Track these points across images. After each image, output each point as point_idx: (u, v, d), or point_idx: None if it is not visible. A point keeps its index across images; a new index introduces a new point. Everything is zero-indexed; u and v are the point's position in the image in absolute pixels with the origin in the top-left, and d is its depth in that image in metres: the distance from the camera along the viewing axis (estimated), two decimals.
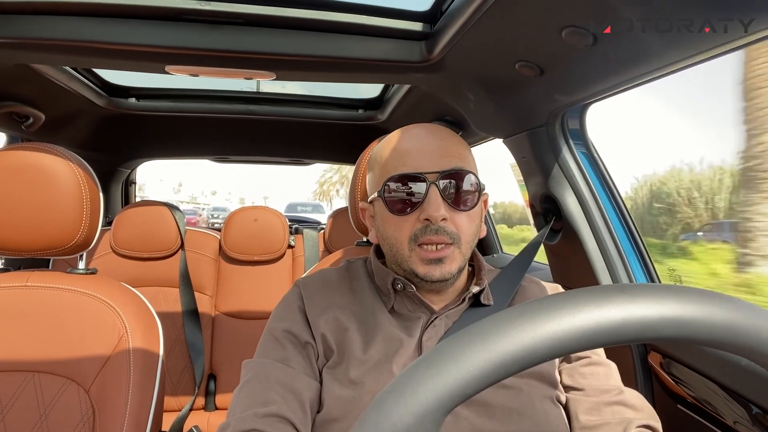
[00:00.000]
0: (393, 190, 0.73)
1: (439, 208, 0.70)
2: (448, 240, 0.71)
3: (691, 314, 0.29)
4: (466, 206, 0.73)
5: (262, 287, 2.09)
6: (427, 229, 0.71)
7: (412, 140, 0.76)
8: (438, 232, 0.70)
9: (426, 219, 0.70)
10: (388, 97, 1.92)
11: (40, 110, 1.56)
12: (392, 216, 0.74)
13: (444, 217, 0.70)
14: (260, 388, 0.68)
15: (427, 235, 0.71)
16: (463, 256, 0.74)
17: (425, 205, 0.70)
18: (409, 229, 0.72)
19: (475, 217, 0.75)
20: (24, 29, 1.01)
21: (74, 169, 0.98)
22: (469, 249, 0.75)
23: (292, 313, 0.77)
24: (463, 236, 0.73)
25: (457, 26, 0.96)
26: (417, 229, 0.71)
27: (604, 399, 0.72)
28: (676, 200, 8.92)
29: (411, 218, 0.72)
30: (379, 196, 0.75)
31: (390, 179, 0.73)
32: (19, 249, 0.97)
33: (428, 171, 0.71)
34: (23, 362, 0.93)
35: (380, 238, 0.79)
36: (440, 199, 0.70)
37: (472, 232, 0.74)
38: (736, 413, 0.84)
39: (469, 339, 0.29)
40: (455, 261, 0.72)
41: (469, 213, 0.73)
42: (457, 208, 0.72)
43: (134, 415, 0.90)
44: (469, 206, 0.73)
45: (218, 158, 2.59)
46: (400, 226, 0.73)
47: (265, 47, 1.08)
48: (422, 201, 0.71)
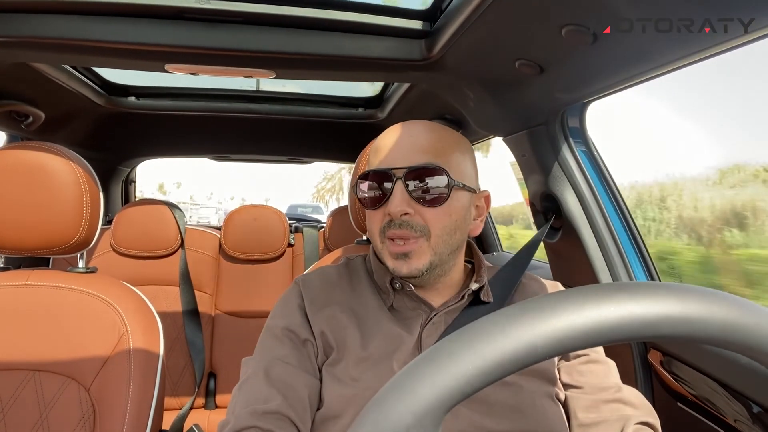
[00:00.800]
0: (362, 187, 0.77)
1: (401, 203, 0.71)
2: (414, 234, 0.72)
3: (691, 312, 0.29)
4: (434, 203, 0.72)
5: (262, 286, 2.09)
6: (391, 223, 0.73)
7: (389, 137, 0.77)
8: (402, 226, 0.72)
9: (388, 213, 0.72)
10: (387, 96, 1.92)
11: (40, 109, 1.56)
12: (368, 210, 0.78)
13: (406, 212, 0.71)
14: (260, 385, 0.68)
15: (391, 229, 0.73)
16: (434, 251, 0.73)
17: (390, 199, 0.72)
18: (379, 222, 0.75)
19: (451, 212, 0.74)
20: (24, 28, 1.01)
21: (74, 168, 0.98)
22: (442, 243, 0.73)
23: (292, 311, 0.77)
24: (434, 230, 0.72)
25: (457, 24, 0.96)
26: (384, 223, 0.74)
27: (602, 397, 0.72)
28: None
29: (380, 212, 0.75)
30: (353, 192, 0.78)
31: (361, 176, 0.77)
32: (19, 248, 0.97)
33: (396, 167, 0.73)
34: (23, 361, 0.93)
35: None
36: (404, 195, 0.72)
37: (444, 226, 0.73)
38: (736, 411, 0.84)
39: (469, 337, 0.29)
40: (424, 255, 0.72)
41: (440, 208, 0.73)
42: (423, 203, 0.72)
43: (134, 413, 0.90)
44: (437, 202, 0.72)
45: (218, 157, 2.58)
46: (372, 219, 0.77)
47: (265, 46, 1.08)
48: (387, 196, 0.73)
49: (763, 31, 0.66)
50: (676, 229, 8.45)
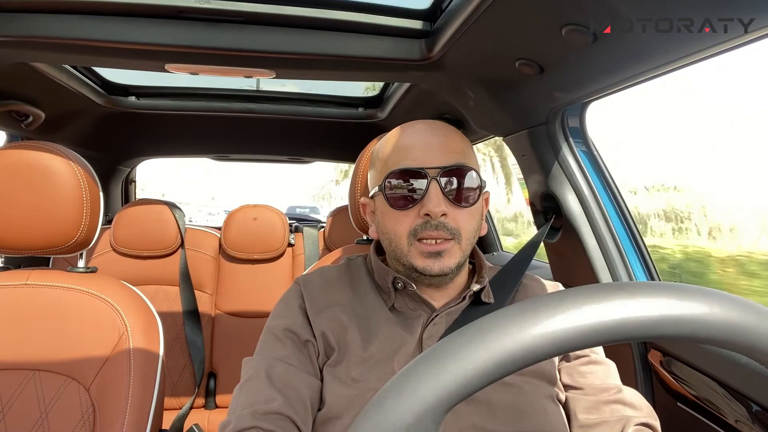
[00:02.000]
0: (394, 186, 0.73)
1: (440, 203, 0.70)
2: (448, 235, 0.71)
3: (692, 312, 0.29)
4: (467, 203, 0.73)
5: (262, 285, 2.09)
6: (427, 224, 0.71)
7: (414, 136, 0.76)
8: (438, 227, 0.71)
9: (426, 214, 0.71)
10: (388, 95, 1.92)
11: (40, 109, 1.56)
12: (392, 211, 0.74)
13: (444, 213, 0.70)
14: (261, 385, 0.68)
15: (426, 230, 0.71)
16: (463, 252, 0.74)
17: (425, 200, 0.71)
18: (409, 224, 0.72)
19: (476, 214, 0.75)
20: (24, 27, 1.01)
21: (74, 168, 0.97)
22: (469, 245, 0.74)
23: (293, 311, 0.77)
24: (464, 232, 0.73)
25: (457, 24, 0.96)
26: (417, 225, 0.72)
27: (602, 398, 0.72)
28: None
29: (411, 213, 0.72)
30: (380, 191, 0.75)
31: (391, 174, 0.73)
32: (19, 247, 0.97)
33: (429, 166, 0.71)
34: (24, 361, 0.93)
35: (380, 233, 0.79)
36: (441, 195, 0.71)
37: (472, 228, 0.74)
38: (736, 411, 0.84)
39: (469, 337, 0.29)
40: (454, 256, 0.72)
41: (469, 210, 0.73)
42: (457, 204, 0.72)
43: (134, 413, 0.90)
44: (470, 203, 0.73)
45: (218, 156, 2.58)
46: (399, 221, 0.73)
47: (265, 45, 1.08)
48: (423, 197, 0.71)
49: (763, 31, 0.66)
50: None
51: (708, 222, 13.52)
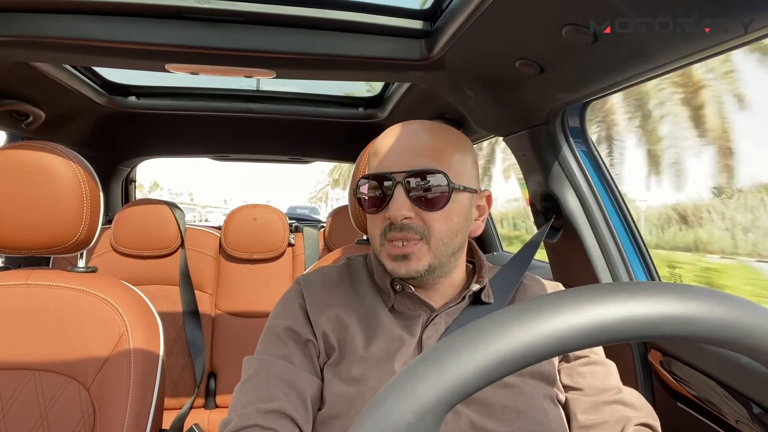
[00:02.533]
0: (364, 190, 0.76)
1: (401, 208, 0.71)
2: (415, 236, 0.72)
3: (693, 312, 0.29)
4: (434, 206, 0.72)
5: (262, 285, 2.09)
6: (392, 226, 0.72)
7: (391, 139, 0.77)
8: (403, 229, 0.72)
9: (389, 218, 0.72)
10: (388, 95, 1.92)
11: (40, 108, 1.56)
12: (367, 213, 0.77)
13: (407, 216, 0.71)
14: (262, 384, 0.68)
15: (391, 232, 0.73)
16: (434, 254, 0.73)
17: (390, 203, 0.72)
18: (380, 225, 0.75)
19: (454, 215, 0.74)
20: (24, 27, 1.01)
21: (74, 168, 0.98)
22: (442, 246, 0.73)
23: (294, 311, 0.77)
24: (434, 232, 0.72)
25: (457, 24, 0.96)
26: (385, 226, 0.74)
27: (602, 398, 0.72)
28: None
29: (380, 216, 0.74)
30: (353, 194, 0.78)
31: (361, 179, 0.77)
32: (20, 247, 0.97)
33: (396, 170, 0.72)
34: (24, 360, 0.93)
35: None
36: (404, 199, 0.71)
37: (446, 229, 0.73)
38: (737, 411, 0.84)
39: (470, 336, 0.29)
40: (423, 257, 0.72)
41: (440, 212, 0.72)
42: (423, 207, 0.72)
43: (134, 413, 0.90)
44: (437, 206, 0.72)
45: (218, 156, 2.58)
46: (373, 222, 0.76)
47: (265, 45, 1.08)
48: (387, 201, 0.72)
49: (763, 31, 0.66)
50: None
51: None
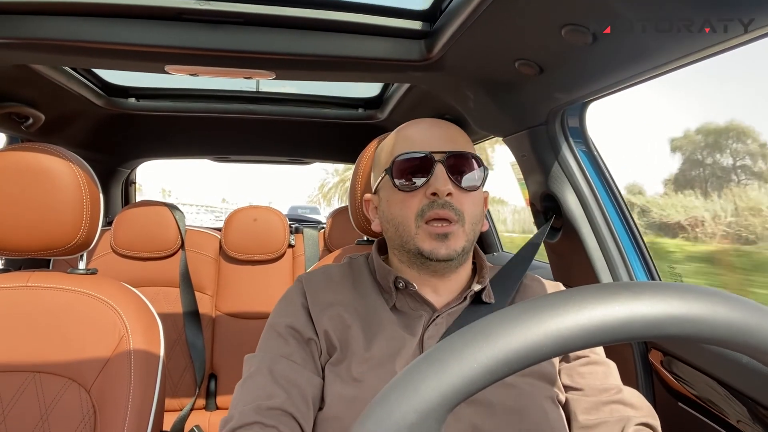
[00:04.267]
0: (401, 168, 0.76)
1: (446, 183, 0.73)
2: (454, 216, 0.73)
3: (696, 312, 0.29)
4: (471, 187, 0.75)
5: (262, 287, 2.09)
6: (434, 203, 0.73)
7: (418, 126, 0.80)
8: (444, 206, 0.72)
9: (433, 194, 0.73)
10: (387, 96, 1.92)
11: (40, 111, 1.56)
12: (399, 194, 0.76)
13: (449, 192, 0.73)
14: (264, 382, 0.68)
15: (434, 209, 0.73)
16: (467, 237, 0.75)
17: (432, 180, 0.73)
18: (416, 205, 0.74)
19: (478, 202, 0.78)
20: (23, 29, 1.01)
21: (74, 170, 0.97)
22: (472, 231, 0.76)
23: (295, 309, 0.77)
24: (468, 216, 0.74)
25: (457, 25, 0.96)
26: (424, 205, 0.74)
27: (602, 398, 0.72)
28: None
29: (418, 194, 0.74)
30: (386, 174, 0.78)
31: (399, 156, 0.76)
32: (20, 249, 0.97)
33: (435, 150, 0.75)
34: (24, 363, 0.93)
35: (385, 222, 0.80)
36: (446, 176, 0.73)
37: (475, 214, 0.76)
38: (738, 411, 0.84)
39: (473, 335, 0.29)
40: (460, 239, 0.74)
41: (473, 195, 0.76)
42: (462, 187, 0.74)
43: (135, 415, 0.90)
44: (472, 188, 0.76)
45: (218, 158, 2.58)
46: (406, 204, 0.75)
47: (265, 47, 1.08)
48: (429, 177, 0.73)
49: (763, 31, 0.66)
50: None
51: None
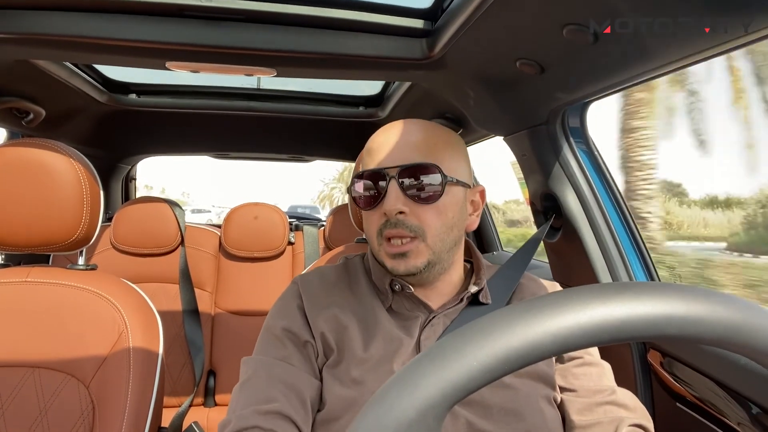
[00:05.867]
0: (358, 187, 0.77)
1: (395, 202, 0.71)
2: (409, 233, 0.72)
3: (695, 313, 0.29)
4: (429, 200, 0.72)
5: (262, 284, 2.09)
6: (387, 223, 0.72)
7: (382, 137, 0.77)
8: (397, 225, 0.72)
9: (384, 213, 0.72)
10: (388, 94, 1.92)
11: (41, 106, 1.56)
12: (363, 211, 0.78)
13: (401, 211, 0.71)
14: (261, 385, 0.68)
15: (387, 228, 0.73)
16: (432, 250, 0.73)
17: (384, 199, 0.72)
18: (376, 222, 0.75)
19: (447, 210, 0.74)
20: (25, 25, 1.01)
21: (74, 165, 0.98)
22: (439, 242, 0.73)
23: (291, 312, 0.77)
24: (429, 229, 0.72)
25: (458, 23, 0.96)
26: (381, 224, 0.74)
27: (596, 399, 0.72)
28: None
29: (376, 213, 0.75)
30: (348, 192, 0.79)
31: (356, 176, 0.77)
32: (19, 244, 0.97)
33: (389, 166, 0.73)
34: (23, 358, 0.93)
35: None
36: (398, 193, 0.71)
37: (441, 224, 0.73)
38: (736, 412, 0.84)
39: (473, 334, 0.29)
40: (421, 255, 0.73)
41: (434, 206, 0.73)
42: (418, 201, 0.72)
43: (134, 410, 0.90)
44: (431, 200, 0.72)
45: (218, 154, 2.58)
46: (369, 220, 0.77)
47: (266, 44, 1.08)
48: (382, 196, 0.73)
49: (763, 32, 0.66)
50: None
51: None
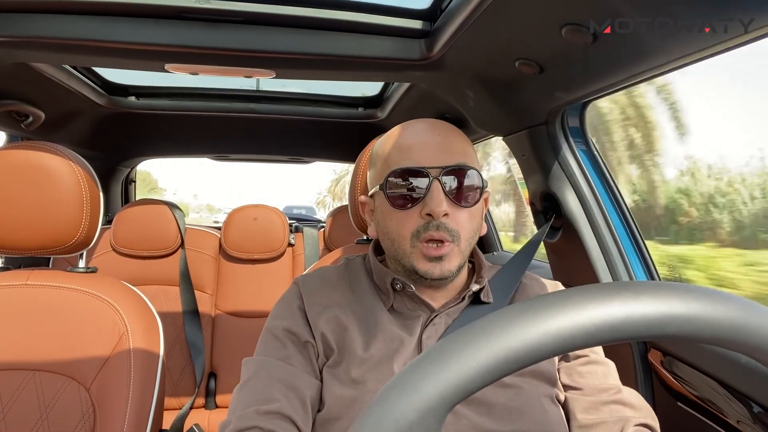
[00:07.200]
0: (395, 185, 0.72)
1: (441, 203, 0.69)
2: (449, 237, 0.70)
3: (696, 312, 0.29)
4: (468, 203, 0.72)
5: (262, 285, 2.09)
6: (429, 224, 0.70)
7: (414, 135, 0.75)
8: (440, 227, 0.70)
9: (428, 214, 0.70)
10: (387, 95, 1.92)
11: (40, 109, 1.56)
12: (394, 210, 0.73)
13: (446, 213, 0.70)
14: (262, 386, 0.68)
15: (429, 230, 0.70)
16: (462, 254, 0.73)
17: (427, 200, 0.70)
18: (412, 225, 0.71)
19: (476, 215, 0.75)
20: (24, 28, 1.01)
21: (74, 168, 0.98)
22: (468, 247, 0.74)
23: (292, 312, 0.77)
24: (463, 233, 0.72)
25: (457, 24, 0.96)
26: (420, 225, 0.71)
27: (602, 398, 0.72)
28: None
29: (413, 213, 0.72)
30: (380, 190, 0.75)
31: (392, 173, 0.73)
32: (20, 247, 0.97)
33: (431, 166, 0.71)
34: (24, 361, 0.93)
35: (381, 233, 0.78)
36: (442, 195, 0.70)
37: (472, 229, 0.74)
38: (737, 411, 0.84)
39: (473, 334, 0.29)
40: (454, 259, 0.72)
41: (470, 210, 0.73)
42: (458, 204, 0.72)
43: (135, 413, 0.90)
44: (471, 203, 0.73)
45: (218, 157, 2.58)
46: (401, 222, 0.73)
47: (265, 45, 1.08)
48: (424, 196, 0.70)
49: (763, 31, 0.66)
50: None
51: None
